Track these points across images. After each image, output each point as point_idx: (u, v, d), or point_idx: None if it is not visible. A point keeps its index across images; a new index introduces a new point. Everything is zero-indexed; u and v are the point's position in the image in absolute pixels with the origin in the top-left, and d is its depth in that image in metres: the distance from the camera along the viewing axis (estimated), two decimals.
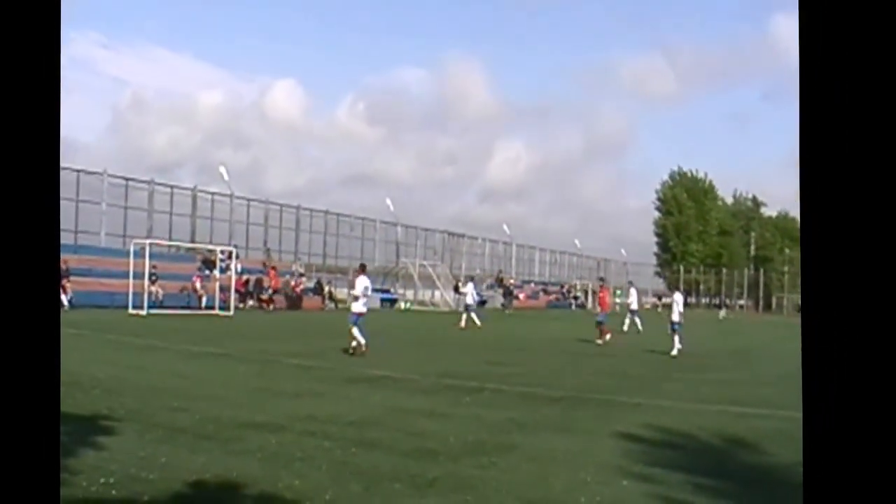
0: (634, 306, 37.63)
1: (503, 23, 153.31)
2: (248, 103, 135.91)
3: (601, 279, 34.73)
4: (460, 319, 35.19)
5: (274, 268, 45.80)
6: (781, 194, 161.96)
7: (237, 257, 42.79)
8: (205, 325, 28.47)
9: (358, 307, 20.82)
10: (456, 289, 59.15)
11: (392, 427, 10.31)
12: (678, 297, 26.09)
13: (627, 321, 35.97)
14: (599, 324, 28.49)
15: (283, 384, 13.92)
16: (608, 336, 27.93)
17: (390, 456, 8.54)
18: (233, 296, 38.69)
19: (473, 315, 35.19)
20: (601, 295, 31.42)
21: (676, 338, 24.09)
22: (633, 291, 38.93)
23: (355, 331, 20.02)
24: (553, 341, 27.39)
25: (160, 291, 37.84)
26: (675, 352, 23.66)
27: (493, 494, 7.19)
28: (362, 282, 21.06)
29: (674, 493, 7.55)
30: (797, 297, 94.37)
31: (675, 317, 24.90)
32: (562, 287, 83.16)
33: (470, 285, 37.80)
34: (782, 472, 8.86)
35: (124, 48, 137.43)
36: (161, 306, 35.82)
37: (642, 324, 36.25)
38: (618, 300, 79.11)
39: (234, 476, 7.35)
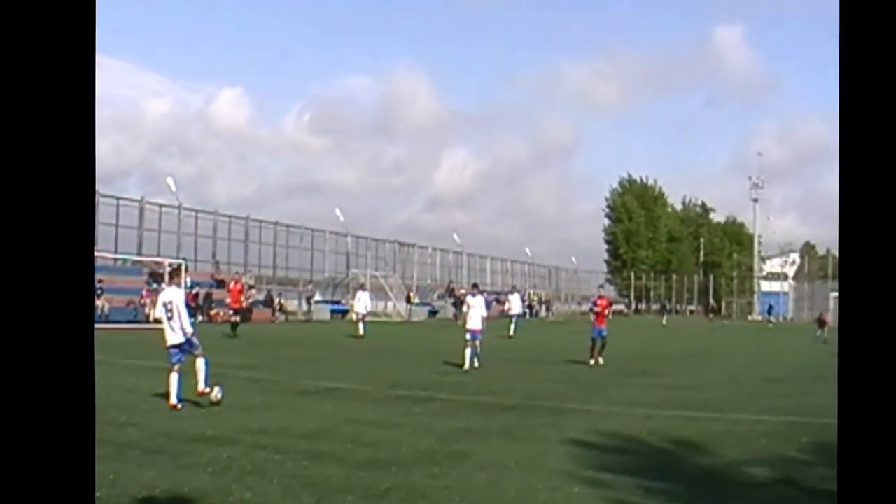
0: (516, 311, 38.24)
1: (447, 30, 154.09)
2: (195, 112, 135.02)
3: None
4: (358, 331, 33.64)
5: (222, 280, 45.33)
6: (727, 199, 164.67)
7: (186, 270, 42.30)
8: (153, 340, 28.03)
9: None
10: (408, 299, 59.16)
11: (343, 438, 10.27)
12: (479, 301, 21.75)
13: (513, 326, 36.31)
14: (594, 340, 22.74)
15: (233, 397, 13.76)
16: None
17: (342, 467, 8.50)
18: None
19: (361, 324, 34.01)
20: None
21: (468, 350, 20.36)
22: (514, 297, 40.32)
23: None
24: (504, 349, 27.42)
25: (106, 305, 37.34)
26: (467, 366, 20.05)
27: (445, 503, 7.19)
28: None
29: (625, 497, 7.61)
30: (745, 302, 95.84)
31: (475, 324, 20.88)
32: None
33: (365, 294, 36.76)
34: (731, 472, 8.99)
35: None
36: (107, 321, 35.26)
37: (516, 329, 36.36)
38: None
39: (184, 491, 7.28)
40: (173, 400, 12.47)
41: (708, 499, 7.92)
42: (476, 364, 20.26)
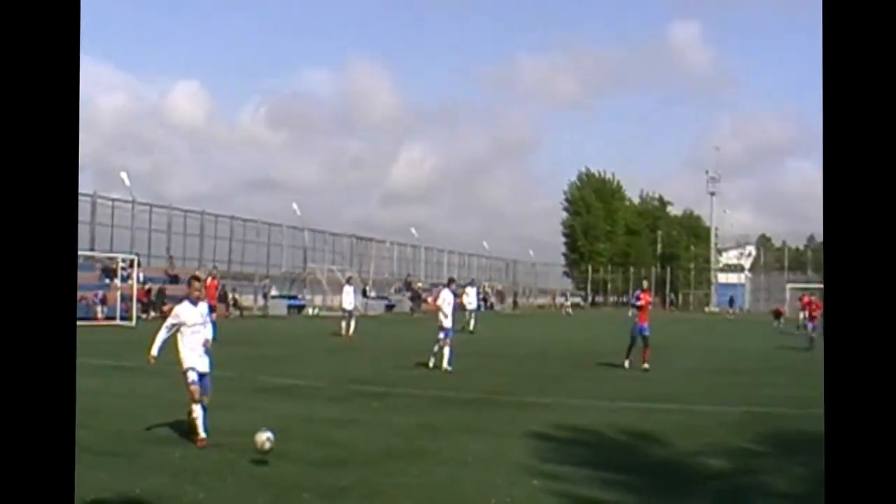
0: (473, 306, 37.50)
1: (406, 25, 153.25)
2: (150, 106, 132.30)
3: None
4: (341, 328, 31.29)
5: (176, 275, 44.81)
6: (684, 193, 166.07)
7: (139, 265, 41.77)
8: (105, 337, 27.66)
9: None
10: (364, 293, 58.89)
11: (300, 437, 10.15)
12: (447, 296, 20.57)
13: (472, 321, 35.84)
14: (633, 339, 20.80)
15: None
16: None
17: (298, 466, 8.40)
18: (135, 305, 37.71)
19: (353, 322, 31.64)
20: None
21: (447, 349, 19.13)
22: (471, 291, 38.93)
23: None
24: (463, 343, 27.38)
25: None
26: (449, 367, 18.73)
27: (404, 500, 7.14)
28: None
29: (584, 490, 7.60)
30: (702, 294, 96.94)
31: (449, 321, 19.70)
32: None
33: (350, 288, 33.42)
34: (690, 463, 9.04)
35: None
36: None
37: (476, 324, 35.77)
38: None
39: (137, 493, 7.14)
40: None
41: (666, 490, 7.94)
42: (432, 364, 19.19)
